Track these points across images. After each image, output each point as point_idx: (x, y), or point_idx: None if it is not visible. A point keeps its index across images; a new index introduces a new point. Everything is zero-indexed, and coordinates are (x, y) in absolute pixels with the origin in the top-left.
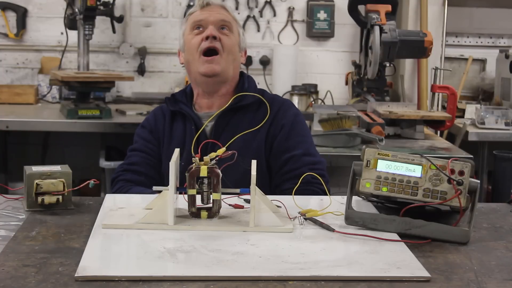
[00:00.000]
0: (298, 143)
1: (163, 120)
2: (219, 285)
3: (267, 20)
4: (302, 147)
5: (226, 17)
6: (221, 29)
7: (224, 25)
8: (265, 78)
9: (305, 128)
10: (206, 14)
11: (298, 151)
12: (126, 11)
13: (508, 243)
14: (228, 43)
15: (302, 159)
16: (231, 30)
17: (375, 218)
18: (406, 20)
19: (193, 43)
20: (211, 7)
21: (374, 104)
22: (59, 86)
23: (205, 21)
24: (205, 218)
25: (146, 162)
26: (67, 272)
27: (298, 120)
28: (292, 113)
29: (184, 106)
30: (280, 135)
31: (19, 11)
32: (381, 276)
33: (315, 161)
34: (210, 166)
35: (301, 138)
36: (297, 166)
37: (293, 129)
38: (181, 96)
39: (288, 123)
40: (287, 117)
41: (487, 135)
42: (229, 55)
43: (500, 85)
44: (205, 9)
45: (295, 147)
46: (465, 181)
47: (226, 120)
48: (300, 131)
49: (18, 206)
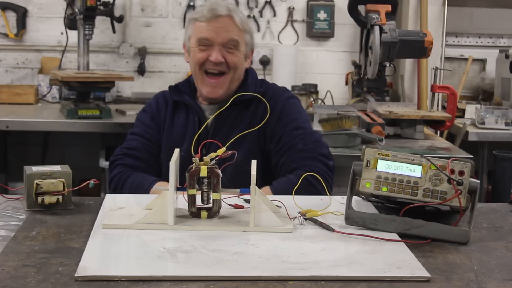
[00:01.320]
0: (290, 120)
1: (165, 107)
2: (219, 285)
3: (267, 20)
4: (293, 123)
5: (233, 36)
6: (228, 48)
7: (231, 45)
8: (265, 78)
9: (297, 108)
10: (213, 33)
11: (290, 126)
12: (126, 11)
13: (508, 243)
14: (234, 61)
15: (293, 133)
16: (238, 48)
17: (375, 218)
18: (406, 20)
19: (198, 57)
20: (220, 21)
21: (374, 104)
22: (59, 86)
23: (212, 41)
24: (205, 218)
25: (145, 149)
26: (67, 272)
27: (289, 102)
28: (284, 97)
29: (187, 97)
30: (272, 120)
31: (19, 11)
32: (381, 276)
33: (305, 132)
34: (210, 166)
35: (292, 116)
36: (287, 140)
37: (283, 109)
38: (184, 87)
39: (278, 107)
40: (278, 102)
41: (487, 135)
42: (234, 71)
43: (500, 85)
44: (213, 23)
45: (287, 124)
46: (465, 181)
47: (227, 114)
48: (290, 109)
49: (18, 206)
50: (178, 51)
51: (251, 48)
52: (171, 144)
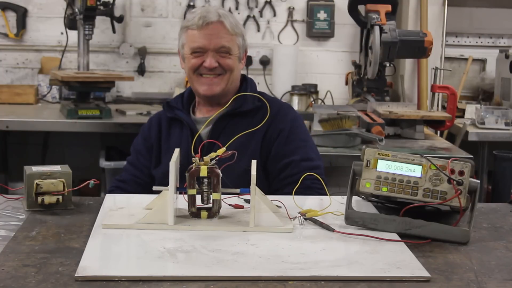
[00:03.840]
0: (297, 148)
1: (158, 126)
2: (219, 285)
3: (267, 20)
4: (300, 152)
5: (225, 42)
6: (221, 53)
7: (223, 50)
8: (265, 78)
9: (304, 131)
10: (205, 41)
11: (297, 157)
12: (126, 11)
13: (508, 243)
14: (228, 64)
15: (300, 165)
16: (231, 52)
17: (375, 218)
18: (406, 20)
19: (192, 64)
20: (211, 28)
21: (374, 104)
22: (59, 86)
23: (205, 48)
24: (205, 218)
25: (134, 181)
26: (67, 272)
27: (297, 124)
28: (291, 117)
29: (179, 112)
30: (278, 140)
31: (19, 11)
32: (381, 276)
33: (313, 165)
34: (210, 166)
35: (300, 143)
36: (295, 171)
37: (292, 133)
38: (176, 103)
39: (286, 128)
40: (286, 121)
41: (487, 135)
42: (230, 73)
43: (500, 85)
44: (204, 31)
45: (294, 152)
46: (465, 181)
47: (223, 125)
48: (299, 135)
49: (18, 206)
50: None
51: (244, 50)
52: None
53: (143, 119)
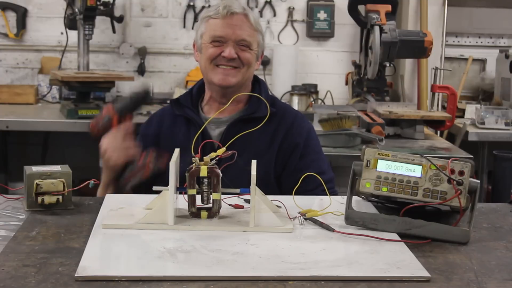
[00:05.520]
0: (312, 161)
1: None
2: (219, 285)
3: (267, 20)
4: (315, 165)
5: (247, 35)
6: (241, 45)
7: (244, 44)
8: (265, 78)
9: (317, 143)
10: (228, 30)
11: (311, 170)
12: (126, 11)
13: (508, 243)
14: (246, 58)
15: (315, 180)
16: (251, 47)
17: (375, 218)
18: (406, 20)
19: (210, 53)
20: (234, 18)
21: (374, 104)
22: (59, 86)
23: (226, 38)
24: (205, 218)
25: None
26: (67, 272)
27: (311, 136)
28: (306, 129)
29: (189, 111)
30: (294, 153)
31: (19, 11)
32: (381, 276)
33: (327, 179)
34: (210, 166)
35: (314, 156)
36: (311, 187)
37: (307, 146)
38: (186, 101)
39: (302, 141)
40: (301, 134)
41: (487, 135)
42: (247, 68)
43: (500, 85)
44: (228, 20)
45: (309, 166)
46: (465, 181)
47: (237, 129)
48: (314, 148)
49: (18, 206)
50: (178, 51)
51: (262, 50)
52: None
53: (143, 119)
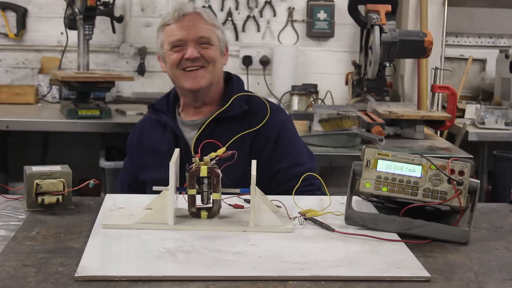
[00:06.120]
0: (286, 153)
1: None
2: (219, 285)
3: (267, 20)
4: (289, 157)
5: (204, 32)
6: (201, 43)
7: (203, 41)
8: (265, 78)
9: (292, 135)
10: (184, 32)
11: (285, 164)
12: (126, 11)
13: (508, 243)
14: (209, 55)
15: (290, 172)
16: (211, 42)
17: (375, 218)
18: (406, 20)
19: (173, 59)
20: (188, 19)
21: (374, 104)
22: (59, 86)
23: (184, 40)
24: (205, 218)
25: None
26: (67, 272)
27: (284, 128)
28: (278, 121)
29: (163, 115)
30: (266, 147)
31: (19, 11)
32: (381, 276)
33: (303, 170)
34: (210, 166)
35: (288, 148)
36: (284, 180)
37: (279, 139)
38: (161, 105)
39: (273, 135)
40: (273, 127)
41: (487, 135)
42: (213, 64)
43: (500, 85)
44: (182, 22)
45: (281, 160)
46: (465, 181)
47: (210, 130)
48: (287, 140)
49: (18, 206)
50: None
51: (225, 44)
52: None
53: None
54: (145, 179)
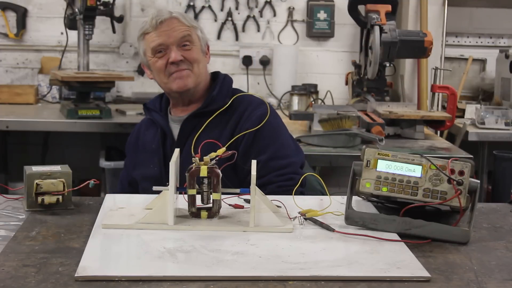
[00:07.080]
0: (266, 147)
1: (136, 133)
2: (219, 285)
3: (267, 20)
4: (268, 151)
5: (184, 32)
6: (182, 46)
7: (185, 42)
8: (265, 78)
9: (273, 128)
10: (163, 36)
11: (264, 157)
12: (126, 11)
13: (508, 243)
14: (193, 56)
15: (268, 165)
16: (193, 42)
17: (375, 218)
18: (406, 20)
19: (159, 66)
20: (166, 25)
21: (374, 104)
22: (59, 86)
23: (165, 44)
24: (205, 218)
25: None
26: (67, 272)
27: (266, 122)
28: (258, 115)
29: (155, 114)
30: (244, 141)
31: (19, 11)
32: (381, 276)
33: (283, 164)
34: (210, 166)
35: (268, 141)
36: (263, 173)
37: (258, 131)
38: (154, 105)
39: (252, 127)
40: (252, 121)
41: (487, 135)
42: (197, 65)
43: (500, 85)
44: (160, 29)
45: (260, 152)
46: (465, 181)
47: (193, 124)
48: (266, 132)
49: (18, 206)
50: None
51: (206, 43)
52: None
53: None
54: (136, 176)
